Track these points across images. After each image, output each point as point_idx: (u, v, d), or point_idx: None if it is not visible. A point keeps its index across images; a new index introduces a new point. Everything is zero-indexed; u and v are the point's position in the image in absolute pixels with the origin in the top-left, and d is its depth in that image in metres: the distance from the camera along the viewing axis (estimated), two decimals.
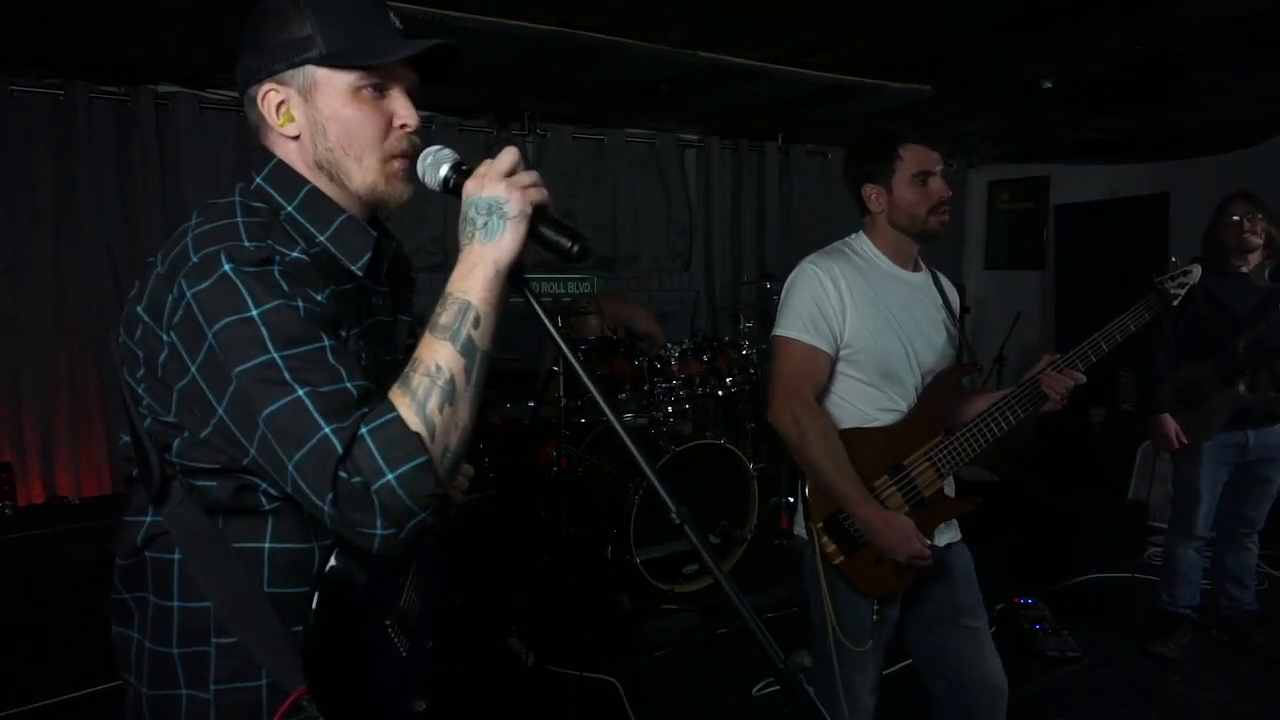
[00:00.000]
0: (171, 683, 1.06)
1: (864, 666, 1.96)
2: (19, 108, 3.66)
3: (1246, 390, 3.09)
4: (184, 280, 0.95)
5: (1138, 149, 5.61)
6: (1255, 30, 3.11)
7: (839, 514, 1.88)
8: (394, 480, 0.90)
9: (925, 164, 1.94)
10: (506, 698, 3.05)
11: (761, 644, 0.94)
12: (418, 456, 0.91)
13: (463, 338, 0.96)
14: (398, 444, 0.91)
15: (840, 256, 1.97)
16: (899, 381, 1.94)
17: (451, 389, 0.95)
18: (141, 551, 1.07)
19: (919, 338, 1.96)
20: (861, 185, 2.00)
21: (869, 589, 1.90)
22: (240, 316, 0.93)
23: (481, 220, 0.99)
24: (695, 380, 4.24)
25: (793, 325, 1.91)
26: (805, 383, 1.90)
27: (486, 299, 0.98)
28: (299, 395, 0.91)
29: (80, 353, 3.84)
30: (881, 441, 1.91)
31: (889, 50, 3.52)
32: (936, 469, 1.92)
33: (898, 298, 1.97)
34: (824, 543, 1.88)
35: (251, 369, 0.92)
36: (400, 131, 1.08)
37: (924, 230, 1.96)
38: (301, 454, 0.90)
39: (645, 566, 3.68)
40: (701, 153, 5.61)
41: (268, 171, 1.09)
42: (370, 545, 0.92)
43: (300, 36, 1.03)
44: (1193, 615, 3.36)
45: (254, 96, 1.07)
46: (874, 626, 1.92)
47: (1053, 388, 1.92)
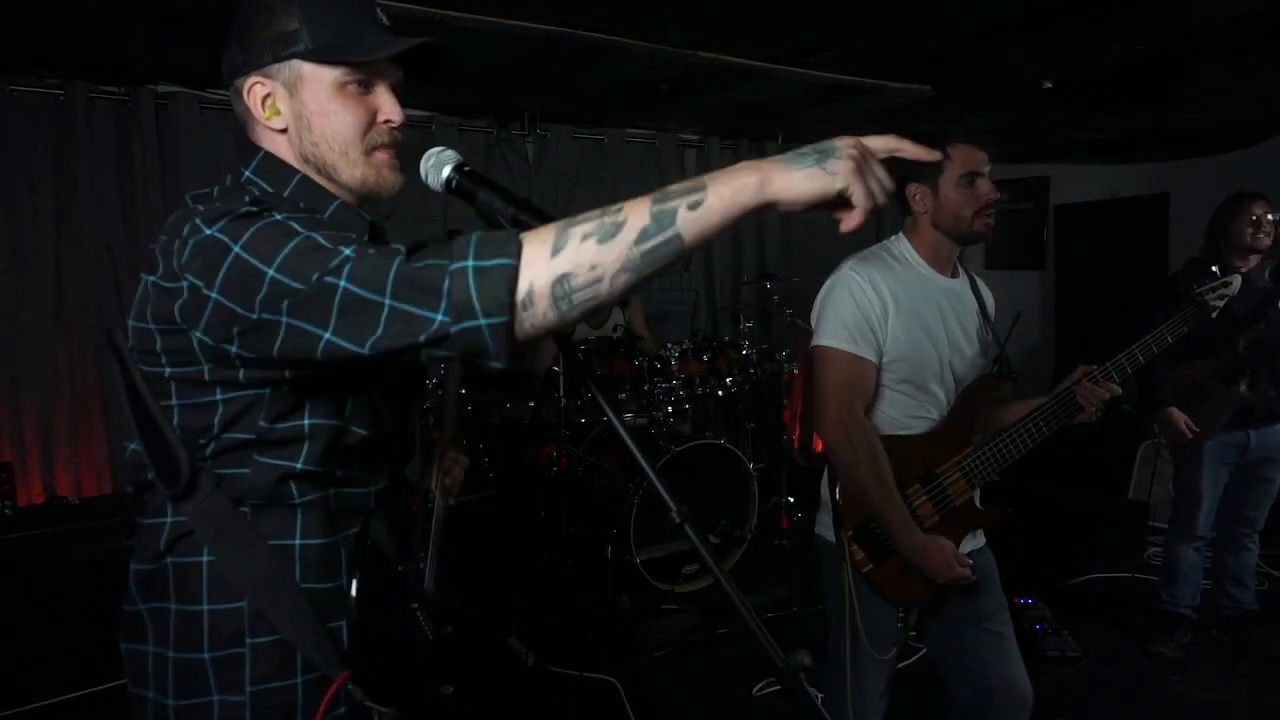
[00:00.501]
0: (202, 690, 1.04)
1: (880, 672, 1.95)
2: (19, 108, 3.66)
3: (1247, 390, 3.09)
4: (198, 219, 0.93)
5: (1138, 149, 5.61)
6: (1255, 30, 3.11)
7: (869, 522, 1.86)
8: (471, 267, 0.83)
9: (974, 164, 1.88)
10: (506, 698, 3.05)
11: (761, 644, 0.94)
12: (507, 257, 0.83)
13: (669, 205, 0.85)
14: (494, 241, 0.85)
15: (879, 261, 1.92)
16: (932, 390, 1.91)
17: (615, 232, 0.85)
18: (164, 556, 1.05)
19: (954, 346, 1.93)
20: (906, 184, 1.92)
21: (895, 597, 1.89)
22: (266, 222, 0.91)
23: (803, 151, 0.89)
24: (695, 380, 4.24)
25: (838, 335, 1.85)
26: (856, 396, 1.85)
27: (724, 196, 0.86)
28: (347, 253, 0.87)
29: (80, 353, 3.84)
30: (914, 450, 1.88)
31: (889, 50, 3.52)
32: (968, 478, 1.90)
33: (935, 304, 1.92)
34: (853, 550, 1.86)
35: (292, 250, 0.88)
36: (384, 126, 1.09)
37: (968, 233, 1.90)
38: (343, 266, 0.86)
39: (645, 566, 3.68)
40: (701, 153, 5.61)
41: (256, 164, 1.10)
42: (415, 335, 0.85)
43: (287, 31, 1.04)
44: (1193, 615, 3.36)
45: (240, 89, 1.08)
46: (898, 634, 1.91)
47: (1088, 399, 1.89)
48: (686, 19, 3.13)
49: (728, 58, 3.61)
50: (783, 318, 4.79)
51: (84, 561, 2.85)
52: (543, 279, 0.84)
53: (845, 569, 1.87)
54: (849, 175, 0.89)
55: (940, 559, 1.80)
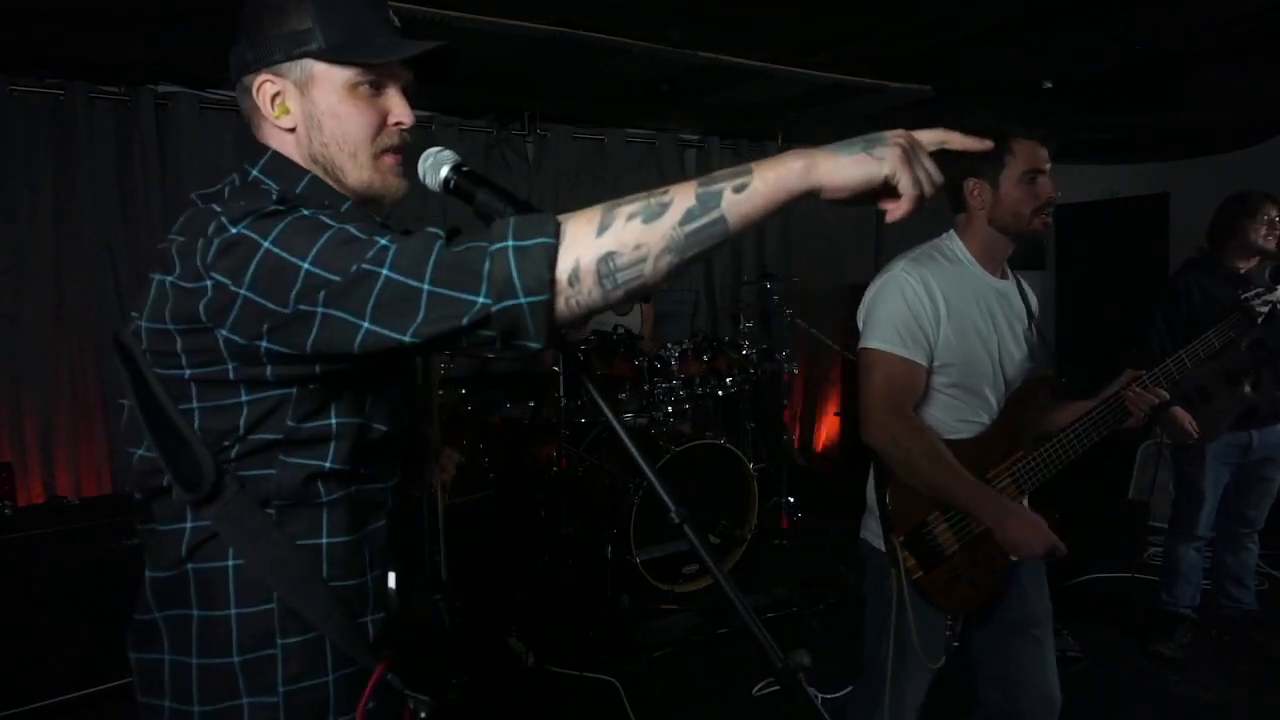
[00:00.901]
0: (231, 694, 1.03)
1: (924, 681, 1.91)
2: (19, 108, 3.66)
3: (1252, 390, 3.08)
4: (223, 217, 0.92)
5: (1138, 149, 5.61)
6: (1255, 30, 3.11)
7: (920, 527, 1.82)
8: (513, 247, 0.83)
9: (1036, 161, 1.82)
10: (506, 698, 3.05)
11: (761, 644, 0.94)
12: (547, 236, 0.83)
13: (714, 188, 0.85)
14: (533, 223, 0.85)
15: (931, 262, 1.87)
16: (982, 393, 1.87)
17: (659, 213, 0.84)
18: (185, 563, 1.04)
19: (1004, 348, 1.89)
20: (964, 179, 1.87)
21: (946, 605, 1.85)
22: (296, 217, 0.91)
23: (850, 141, 0.89)
24: (695, 380, 4.24)
25: (888, 337, 1.80)
26: (905, 400, 1.81)
27: (772, 180, 0.85)
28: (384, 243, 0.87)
29: (80, 353, 3.84)
30: (963, 456, 1.81)
31: (889, 50, 3.52)
32: (1018, 485, 1.86)
33: (986, 306, 1.88)
34: (904, 556, 1.82)
35: (327, 242, 0.88)
36: (393, 129, 1.09)
37: (1026, 231, 1.85)
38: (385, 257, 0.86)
39: (645, 566, 3.68)
40: (701, 153, 5.61)
41: (264, 163, 1.09)
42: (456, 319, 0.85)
43: (300, 29, 1.03)
44: (1193, 615, 3.36)
45: (249, 86, 1.07)
46: (946, 642, 1.87)
47: (1136, 405, 1.86)
48: (686, 19, 3.13)
49: (728, 58, 3.62)
50: (783, 318, 4.79)
51: (84, 561, 2.84)
52: (589, 256, 0.84)
53: (894, 576, 1.82)
54: (896, 162, 0.88)
55: (1027, 531, 1.72)
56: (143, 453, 1.03)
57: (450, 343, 0.88)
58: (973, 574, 1.84)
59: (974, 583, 1.84)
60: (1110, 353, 2.05)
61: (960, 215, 1.94)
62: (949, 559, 1.82)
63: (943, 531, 1.82)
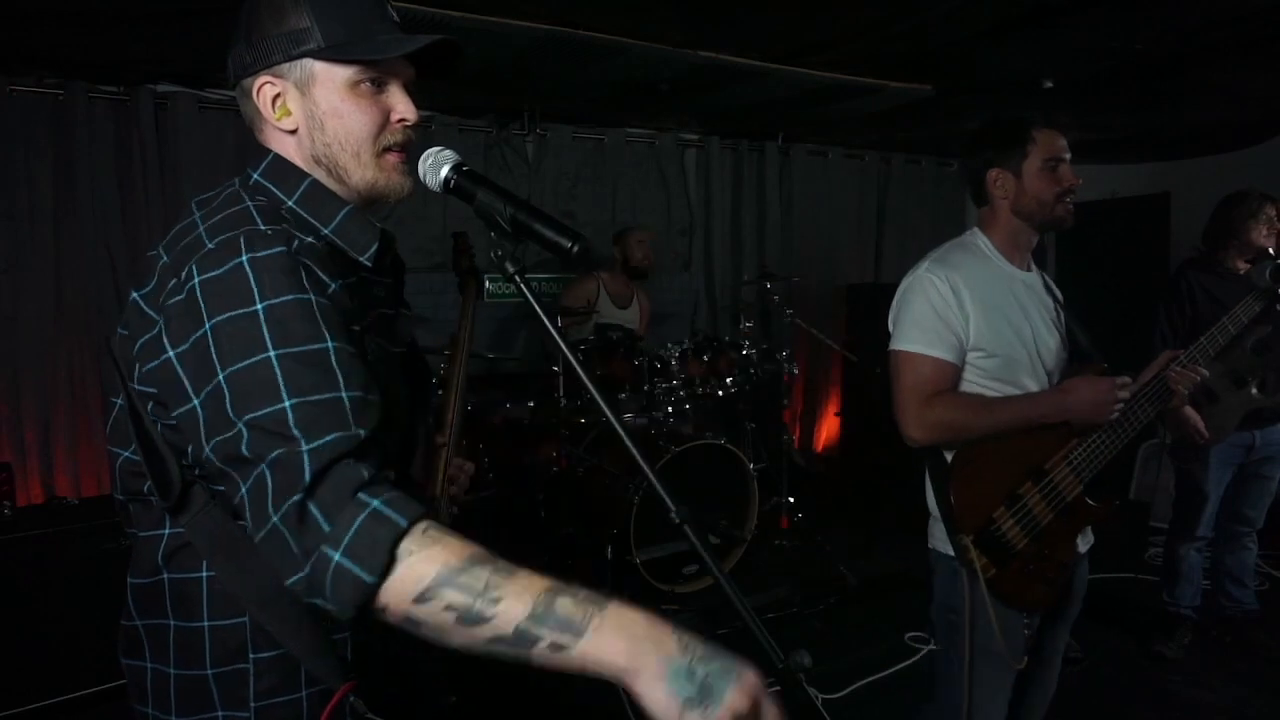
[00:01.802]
0: (205, 706, 1.03)
1: (1005, 684, 1.89)
2: (19, 108, 3.66)
3: (1258, 391, 3.08)
4: (196, 265, 0.93)
5: (1138, 149, 5.60)
6: (1255, 30, 3.11)
7: (990, 525, 1.80)
8: (337, 559, 0.82)
9: (1056, 150, 1.86)
10: (506, 697, 3.04)
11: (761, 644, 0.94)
12: (370, 574, 0.82)
13: (536, 631, 0.82)
14: (366, 547, 0.83)
15: (955, 260, 1.88)
16: (1025, 384, 1.87)
17: (476, 621, 0.83)
18: (161, 571, 1.03)
19: (1039, 338, 1.90)
20: (987, 171, 1.89)
21: (1022, 602, 1.83)
22: (244, 311, 0.90)
23: (695, 671, 0.84)
24: (695, 380, 4.23)
25: (916, 339, 1.82)
26: (936, 397, 1.82)
27: (589, 656, 0.82)
28: (284, 405, 0.87)
29: (80, 353, 3.84)
30: (1019, 447, 1.82)
31: (889, 50, 3.52)
32: (1077, 473, 1.85)
33: (1014, 297, 1.89)
34: (975, 556, 1.79)
35: (244, 369, 0.89)
36: (397, 125, 1.07)
37: (1051, 218, 1.87)
38: (270, 461, 0.86)
39: (645, 566, 3.67)
40: (701, 153, 5.61)
41: (265, 166, 1.07)
42: (274, 571, 0.87)
43: (298, 29, 1.01)
44: (1193, 615, 3.36)
45: (248, 89, 1.05)
46: (1027, 641, 1.86)
47: (1179, 383, 1.89)
48: (686, 18, 3.13)
49: (728, 58, 3.61)
50: (783, 318, 4.78)
51: (83, 561, 2.84)
52: (397, 611, 0.85)
53: (964, 577, 1.80)
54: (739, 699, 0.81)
55: (1089, 394, 1.76)
56: (128, 455, 1.03)
57: None
58: (1043, 569, 1.83)
59: (1046, 578, 1.83)
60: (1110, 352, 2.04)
61: (984, 209, 1.95)
62: (1020, 554, 1.80)
63: (1010, 528, 1.80)
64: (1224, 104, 4.33)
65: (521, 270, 1.03)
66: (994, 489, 1.81)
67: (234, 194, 1.02)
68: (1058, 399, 1.79)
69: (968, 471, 1.82)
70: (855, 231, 6.05)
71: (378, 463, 0.90)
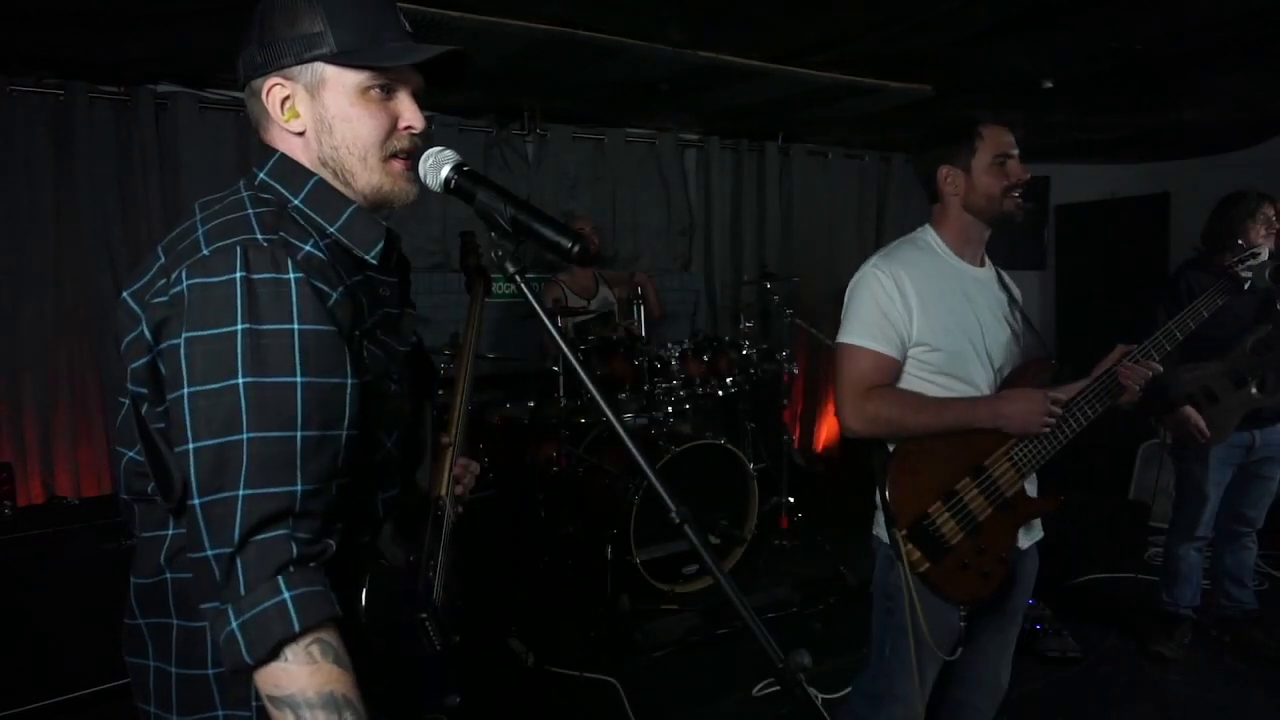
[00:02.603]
0: (206, 705, 1.03)
1: (931, 673, 1.92)
2: (19, 108, 3.66)
3: (1258, 391, 3.08)
4: (186, 270, 0.93)
5: (1138, 149, 5.61)
6: (1255, 30, 3.11)
7: (923, 519, 1.83)
8: (232, 628, 0.90)
9: (1004, 146, 1.89)
10: (506, 698, 3.05)
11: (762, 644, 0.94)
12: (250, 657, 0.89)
13: None
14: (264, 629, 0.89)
15: (904, 256, 1.92)
16: (971, 380, 1.90)
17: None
18: (164, 571, 1.04)
19: (988, 335, 1.92)
20: (937, 168, 1.93)
21: (955, 595, 1.86)
22: (224, 330, 0.91)
23: None
24: (695, 380, 4.24)
25: (859, 332, 1.87)
26: (875, 389, 1.87)
27: None
28: (241, 439, 0.90)
29: (80, 353, 3.84)
30: (960, 444, 1.85)
31: (889, 50, 3.52)
32: (1017, 468, 1.88)
33: (964, 294, 1.92)
34: (909, 550, 1.82)
35: (208, 391, 0.91)
36: (404, 132, 1.08)
37: (1000, 213, 1.91)
38: (207, 501, 0.91)
39: (645, 566, 3.68)
40: (701, 153, 5.61)
41: (271, 166, 1.08)
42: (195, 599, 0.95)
43: (311, 33, 1.02)
44: (1193, 615, 3.36)
45: (258, 90, 1.06)
46: (961, 633, 1.89)
47: (1130, 378, 1.90)
48: (686, 18, 3.13)
49: (728, 58, 3.61)
50: (783, 318, 4.79)
51: (84, 561, 2.85)
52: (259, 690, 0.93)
53: (898, 570, 1.83)
54: None
55: (1021, 405, 1.80)
56: (133, 455, 1.04)
57: None
58: (980, 562, 1.85)
59: (983, 572, 1.85)
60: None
61: (936, 205, 1.99)
62: (955, 549, 1.83)
63: (945, 522, 1.84)
64: (1224, 104, 4.34)
65: (522, 270, 1.04)
66: (932, 484, 1.85)
67: (238, 200, 1.02)
68: (992, 407, 1.83)
69: (906, 466, 1.85)
70: (855, 232, 6.04)
71: (317, 523, 0.94)
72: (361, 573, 1.09)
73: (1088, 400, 1.90)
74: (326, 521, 0.96)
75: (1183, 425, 3.12)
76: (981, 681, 2.02)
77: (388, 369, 1.10)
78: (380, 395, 1.07)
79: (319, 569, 0.95)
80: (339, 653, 0.93)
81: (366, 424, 1.03)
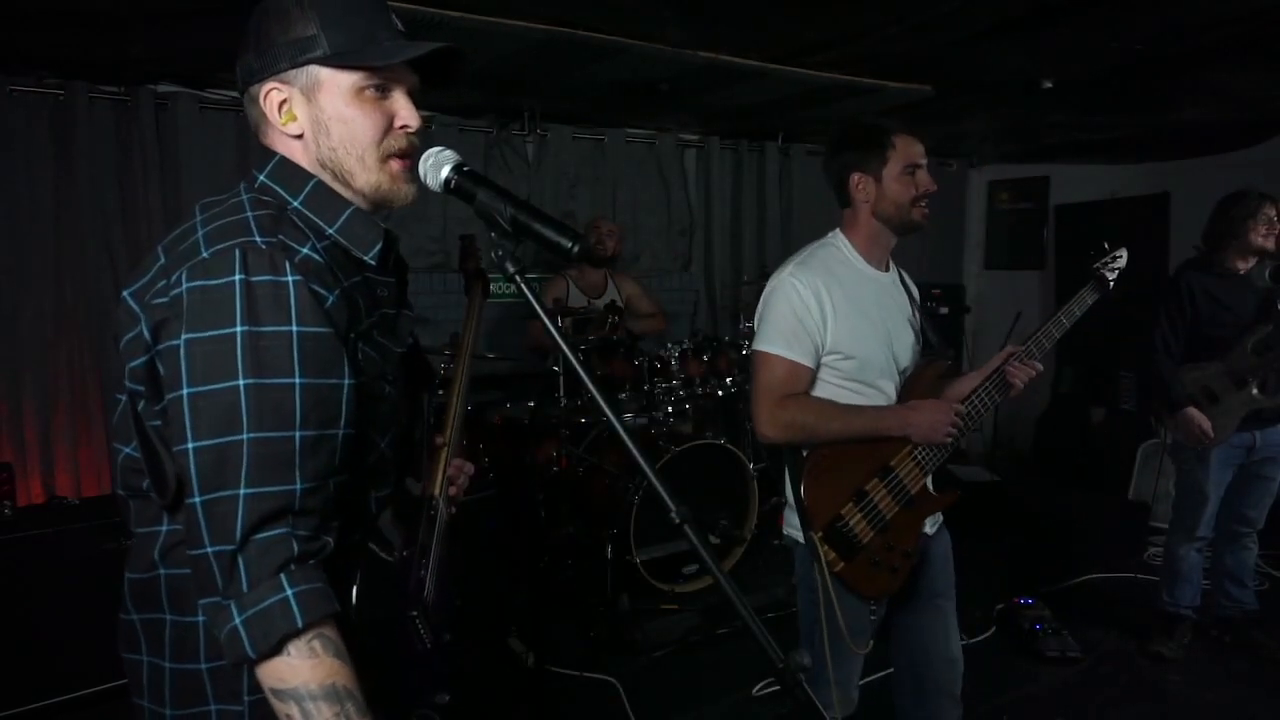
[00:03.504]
0: (199, 700, 1.04)
1: (857, 663, 2.04)
2: (19, 108, 3.66)
3: (1259, 392, 3.08)
4: (187, 272, 0.95)
5: (1138, 149, 5.61)
6: (1255, 30, 3.11)
7: (836, 521, 1.91)
8: (236, 624, 0.91)
9: (915, 156, 1.96)
10: (506, 698, 3.05)
11: (761, 644, 0.94)
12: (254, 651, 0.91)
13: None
14: (264, 626, 0.91)
15: (817, 263, 1.97)
16: (879, 384, 1.98)
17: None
18: (158, 566, 1.05)
19: (897, 338, 2.01)
20: (849, 174, 1.99)
21: (869, 591, 1.95)
22: (224, 331, 0.92)
23: None
24: (695, 380, 4.24)
25: (774, 340, 1.92)
26: (788, 397, 1.93)
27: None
28: (242, 439, 0.91)
29: (80, 353, 3.84)
30: (868, 446, 1.94)
31: (889, 50, 3.52)
32: (921, 467, 1.98)
33: (874, 299, 1.99)
34: (825, 550, 1.90)
35: (209, 393, 0.92)
36: (400, 131, 1.09)
37: (907, 221, 1.98)
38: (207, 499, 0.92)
39: (645, 566, 3.68)
40: (701, 153, 5.61)
41: (271, 168, 1.09)
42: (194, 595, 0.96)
43: (304, 36, 1.03)
44: (1193, 615, 3.36)
45: (255, 95, 1.07)
46: (871, 626, 2.00)
47: (1016, 377, 2.00)
48: (686, 18, 3.13)
49: (728, 58, 3.61)
50: None
51: (84, 561, 2.85)
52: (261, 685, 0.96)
53: (817, 570, 1.91)
54: None
55: (929, 417, 1.90)
56: (129, 451, 1.05)
57: None
58: (889, 558, 1.95)
59: (891, 567, 1.96)
60: (1111, 352, 2.08)
61: (846, 210, 2.05)
62: (866, 547, 1.92)
63: (857, 522, 1.92)
64: (1224, 104, 4.33)
65: (522, 270, 1.04)
66: (843, 486, 1.93)
67: (238, 203, 1.03)
68: (901, 416, 1.92)
69: (819, 470, 1.93)
70: None
71: (315, 520, 0.96)
72: (353, 570, 1.09)
73: (980, 400, 2.01)
74: (324, 519, 0.98)
75: (1187, 426, 3.11)
76: (931, 653, 2.09)
77: (383, 370, 1.11)
78: (375, 397, 1.08)
79: (318, 566, 0.96)
80: (339, 647, 0.95)
81: (361, 425, 1.04)
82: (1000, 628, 3.51)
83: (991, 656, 3.30)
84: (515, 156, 4.94)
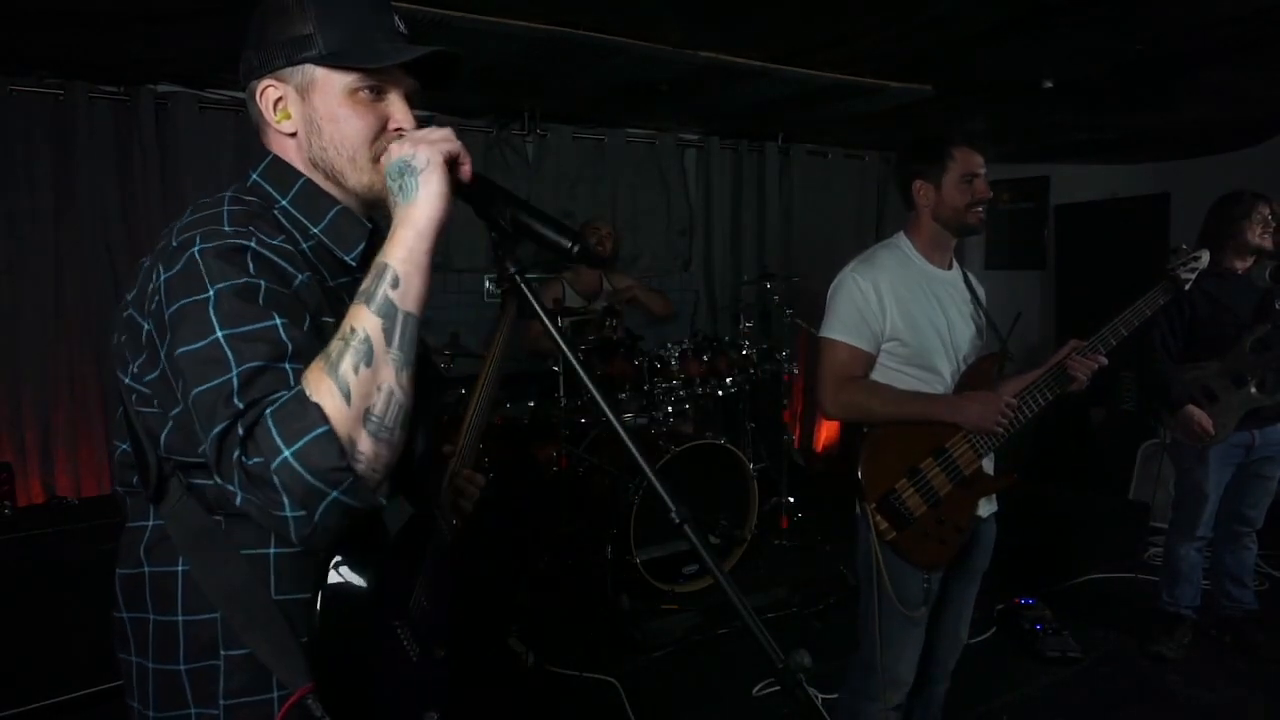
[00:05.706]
0: (179, 703, 1.03)
1: (912, 628, 2.14)
2: (19, 108, 3.66)
3: (1257, 390, 3.08)
4: (161, 266, 0.97)
5: (1138, 149, 5.60)
6: (1255, 30, 3.11)
7: (890, 494, 2.07)
8: (290, 456, 0.84)
9: (972, 166, 2.14)
10: (506, 698, 3.05)
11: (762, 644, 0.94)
12: (316, 428, 0.85)
13: (379, 298, 0.93)
14: (294, 417, 0.86)
15: (879, 261, 2.16)
16: (936, 369, 2.13)
17: (368, 350, 0.90)
18: (143, 563, 1.05)
19: (953, 329, 2.16)
20: (913, 180, 2.18)
21: (920, 560, 2.10)
22: (196, 298, 0.93)
23: (396, 185, 0.99)
24: (695, 380, 4.24)
25: (837, 328, 2.13)
26: (850, 378, 2.12)
27: (404, 258, 0.95)
28: (231, 376, 0.89)
29: (80, 353, 3.84)
30: (925, 428, 2.09)
31: (889, 50, 3.51)
32: (975, 449, 2.12)
33: (932, 293, 2.16)
34: (877, 520, 2.06)
35: (194, 351, 0.91)
36: (394, 133, 1.08)
37: (963, 224, 2.16)
38: (212, 435, 0.88)
39: (645, 566, 3.68)
40: (701, 153, 5.61)
41: (263, 167, 1.10)
42: (286, 532, 0.88)
43: (301, 35, 1.04)
44: (1193, 615, 3.36)
45: (253, 92, 1.08)
46: (925, 594, 2.13)
47: (1078, 370, 2.11)
48: (686, 18, 3.13)
49: (728, 58, 3.61)
50: (783, 318, 4.78)
51: (83, 561, 2.85)
52: (355, 427, 0.88)
53: (871, 537, 2.07)
54: (428, 153, 0.99)
55: (979, 407, 2.04)
56: (125, 448, 1.06)
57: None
58: (939, 531, 2.11)
59: (941, 539, 2.11)
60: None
61: (910, 213, 2.24)
62: (918, 520, 2.08)
63: (910, 496, 2.08)
64: (1224, 104, 4.33)
65: (522, 270, 1.04)
66: (898, 463, 2.09)
67: (218, 199, 1.04)
68: (953, 405, 2.08)
69: (876, 447, 2.10)
70: (855, 231, 6.03)
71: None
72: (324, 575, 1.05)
73: (1039, 389, 2.14)
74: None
75: (1187, 424, 3.11)
76: (945, 631, 2.26)
77: None
78: None
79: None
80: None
81: None
82: (1000, 628, 3.51)
83: (992, 656, 3.30)
84: (515, 156, 4.94)
